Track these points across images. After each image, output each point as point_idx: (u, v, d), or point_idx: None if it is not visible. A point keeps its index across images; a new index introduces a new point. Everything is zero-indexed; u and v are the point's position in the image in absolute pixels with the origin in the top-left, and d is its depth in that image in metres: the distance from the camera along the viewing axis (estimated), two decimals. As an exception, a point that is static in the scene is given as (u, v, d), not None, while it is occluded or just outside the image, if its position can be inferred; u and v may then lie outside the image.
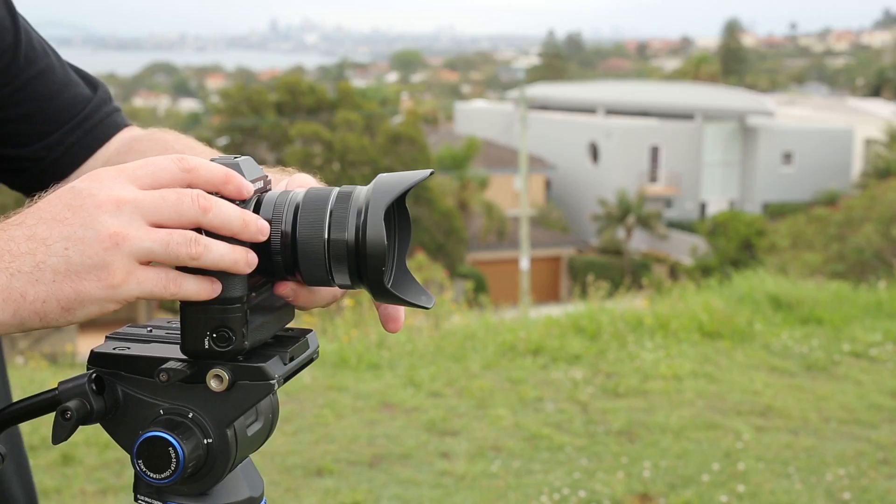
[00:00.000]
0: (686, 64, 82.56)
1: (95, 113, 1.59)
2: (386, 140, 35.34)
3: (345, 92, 39.60)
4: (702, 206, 48.45)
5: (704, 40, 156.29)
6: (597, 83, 70.50)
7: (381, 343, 8.20)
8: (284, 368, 1.16)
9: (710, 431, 6.35)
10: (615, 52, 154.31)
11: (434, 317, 9.34)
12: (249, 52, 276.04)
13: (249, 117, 36.75)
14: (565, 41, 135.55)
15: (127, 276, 1.01)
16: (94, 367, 1.15)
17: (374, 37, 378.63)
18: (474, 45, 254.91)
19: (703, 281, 12.06)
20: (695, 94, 53.52)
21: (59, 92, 1.56)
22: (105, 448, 5.75)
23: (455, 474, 5.62)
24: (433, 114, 59.01)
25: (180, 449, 1.10)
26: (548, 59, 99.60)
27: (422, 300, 1.15)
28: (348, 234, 1.09)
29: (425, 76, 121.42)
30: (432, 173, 1.14)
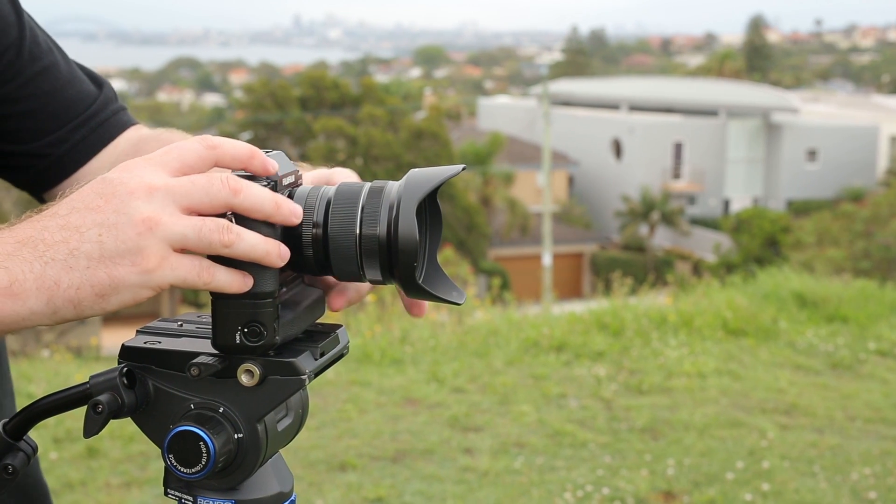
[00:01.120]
0: (710, 60, 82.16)
1: (101, 111, 1.59)
2: (409, 135, 35.36)
3: (368, 87, 39.62)
4: (725, 202, 48.25)
5: (729, 36, 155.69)
6: (620, 79, 70.29)
7: (405, 338, 8.20)
8: (315, 364, 1.15)
9: (734, 429, 6.33)
10: (639, 48, 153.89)
11: (457, 312, 9.34)
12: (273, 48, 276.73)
13: (273, 112, 36.83)
14: (589, 37, 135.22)
15: (161, 262, 1.01)
16: (125, 360, 1.15)
17: (397, 32, 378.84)
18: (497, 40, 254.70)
19: (726, 278, 12.01)
20: (719, 91, 53.28)
21: (63, 88, 1.56)
22: (129, 441, 5.78)
23: (478, 470, 5.61)
24: (456, 109, 58.87)
25: (211, 443, 1.10)
26: (571, 55, 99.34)
27: (453, 296, 1.14)
28: (380, 230, 1.09)
29: (448, 72, 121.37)
30: (464, 168, 1.13)
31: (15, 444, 1.16)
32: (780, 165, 48.12)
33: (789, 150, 48.06)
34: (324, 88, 37.77)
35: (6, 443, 1.16)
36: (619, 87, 59.45)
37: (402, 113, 38.71)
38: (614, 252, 40.55)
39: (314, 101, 37.40)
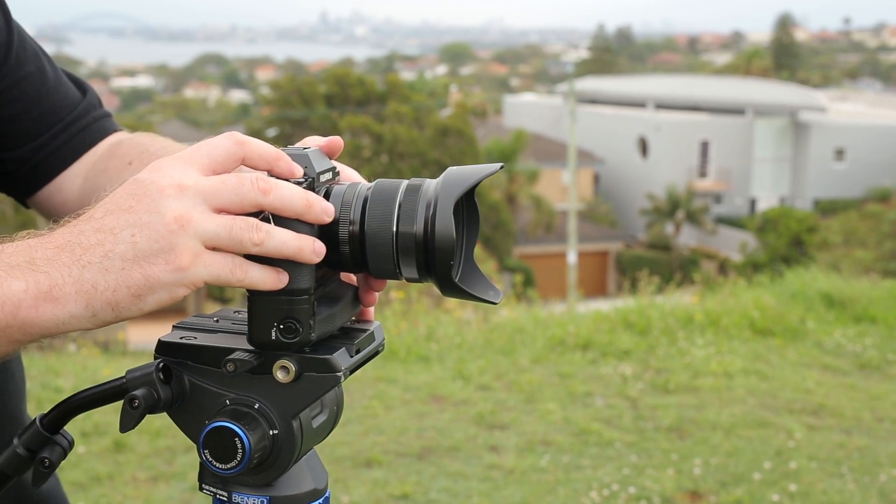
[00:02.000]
0: (737, 58, 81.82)
1: (83, 117, 1.59)
2: (434, 133, 35.36)
3: (394, 84, 39.65)
4: (752, 202, 48.03)
5: (756, 35, 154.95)
6: (647, 77, 70.09)
7: (430, 335, 8.20)
8: (351, 360, 1.15)
9: (761, 429, 6.29)
10: (665, 45, 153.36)
11: (483, 310, 9.33)
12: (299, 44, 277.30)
13: (299, 109, 36.91)
14: (615, 35, 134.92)
15: (194, 259, 1.01)
16: (162, 356, 1.16)
17: (423, 29, 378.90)
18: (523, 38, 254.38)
19: (753, 277, 11.95)
20: (746, 89, 53.04)
21: (48, 94, 1.56)
22: (156, 436, 5.80)
23: (504, 468, 5.61)
24: (482, 107, 58.90)
25: (246, 439, 1.10)
26: (597, 53, 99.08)
27: (489, 295, 1.14)
28: (417, 228, 1.08)
29: (474, 69, 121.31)
30: (502, 167, 1.13)
31: (52, 437, 1.17)
32: (807, 165, 47.86)
33: (817, 149, 47.79)
34: (349, 85, 37.82)
35: (43, 436, 1.16)
36: (645, 85, 59.27)
37: (427, 110, 38.72)
38: (639, 250, 40.46)
39: (340, 98, 37.47)
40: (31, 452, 1.16)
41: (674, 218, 40.49)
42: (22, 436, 1.17)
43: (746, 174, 47.92)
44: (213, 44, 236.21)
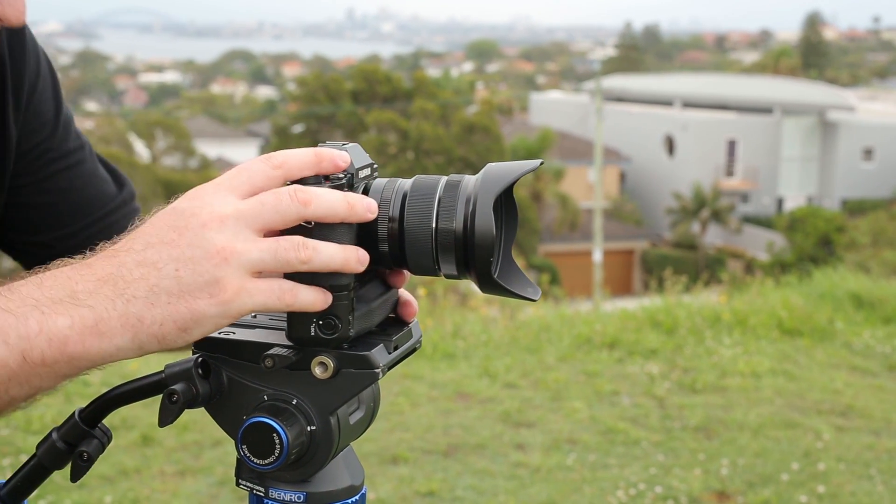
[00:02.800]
0: (765, 57, 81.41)
1: (114, 213, 1.60)
2: (460, 130, 35.35)
3: (420, 81, 39.66)
4: (779, 201, 47.78)
5: (784, 33, 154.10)
6: (674, 75, 69.83)
7: (457, 333, 8.20)
8: (389, 357, 1.15)
9: (789, 430, 6.26)
10: (693, 44, 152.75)
11: (509, 308, 9.32)
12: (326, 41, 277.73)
13: (326, 105, 36.98)
14: (642, 33, 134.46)
15: (240, 290, 1.02)
16: (200, 351, 1.16)
17: (449, 26, 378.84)
18: (550, 35, 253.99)
19: (781, 277, 11.89)
20: (774, 88, 52.77)
21: (83, 187, 1.57)
22: (183, 430, 5.82)
23: (530, 466, 5.60)
24: (508, 104, 58.88)
25: (284, 435, 1.10)
26: (624, 51, 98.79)
27: (528, 292, 1.13)
28: (456, 224, 1.08)
29: (501, 66, 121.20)
30: (541, 163, 1.12)
31: (90, 431, 1.17)
32: (835, 164, 47.57)
33: (845, 148, 47.49)
34: (376, 82, 37.86)
35: (81, 430, 1.16)
36: (672, 83, 59.06)
37: (453, 107, 38.71)
38: (665, 249, 40.32)
39: (366, 95, 37.51)
40: (69, 446, 1.17)
41: (700, 217, 40.33)
42: (60, 429, 1.17)
43: (774, 173, 47.68)
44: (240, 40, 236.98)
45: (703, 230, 40.23)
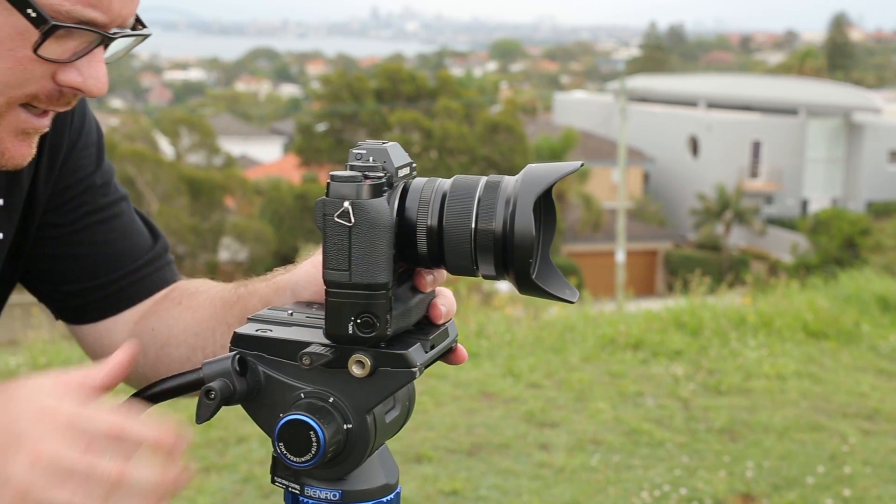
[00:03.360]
0: (790, 58, 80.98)
1: (146, 266, 1.60)
2: (484, 129, 35.33)
3: (444, 80, 39.68)
4: (803, 203, 47.53)
5: (810, 34, 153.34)
6: (698, 76, 69.57)
7: (481, 332, 8.19)
8: (426, 356, 1.15)
9: (814, 433, 6.23)
10: (718, 44, 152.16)
11: (533, 307, 9.31)
12: (350, 39, 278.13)
13: (349, 103, 37.03)
14: (667, 33, 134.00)
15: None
16: (237, 348, 1.16)
17: (473, 25, 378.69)
18: (574, 35, 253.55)
19: (806, 279, 11.83)
20: (799, 89, 52.49)
21: (116, 240, 1.58)
22: (208, 427, 5.83)
23: (554, 466, 5.59)
24: (532, 104, 58.82)
25: (321, 433, 1.10)
26: (649, 51, 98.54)
27: (566, 294, 1.13)
28: (496, 224, 1.07)
29: (524, 66, 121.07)
30: (582, 165, 1.12)
31: None
32: (860, 166, 47.29)
33: (870, 150, 47.19)
34: (400, 81, 37.89)
35: None
36: (696, 83, 58.84)
37: (477, 106, 38.70)
38: (688, 250, 40.19)
39: (390, 94, 37.55)
40: None
41: (723, 218, 40.17)
42: (97, 425, 1.17)
43: (798, 175, 47.43)
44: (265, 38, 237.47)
45: (727, 231, 40.08)
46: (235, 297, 1.44)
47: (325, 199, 1.07)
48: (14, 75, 1.21)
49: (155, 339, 1.53)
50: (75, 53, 1.23)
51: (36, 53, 1.19)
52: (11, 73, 1.21)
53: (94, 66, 1.24)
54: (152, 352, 1.53)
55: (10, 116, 1.26)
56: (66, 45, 1.22)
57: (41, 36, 1.18)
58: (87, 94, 1.25)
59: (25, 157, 1.31)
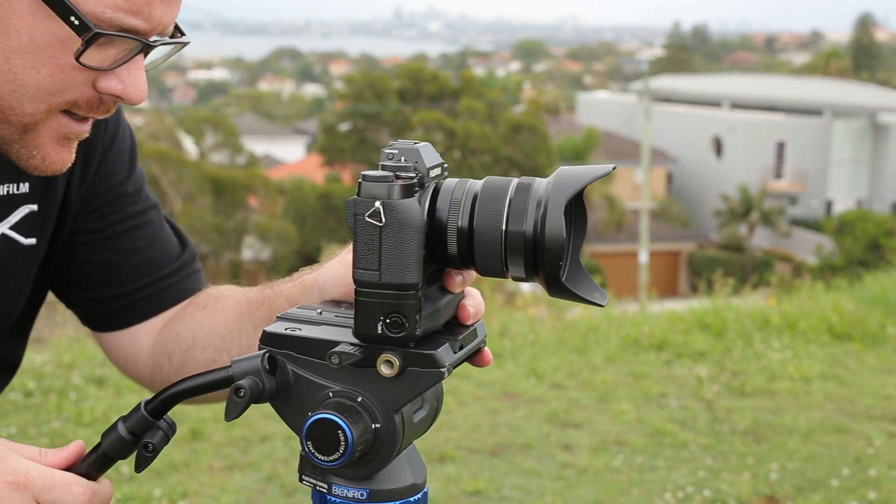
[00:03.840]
0: (815, 58, 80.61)
1: (173, 274, 1.61)
2: (507, 129, 35.33)
3: (467, 80, 39.68)
4: (828, 204, 47.29)
5: (835, 34, 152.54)
6: (722, 76, 69.32)
7: (504, 332, 8.19)
8: (455, 356, 1.15)
9: (839, 435, 6.19)
10: (742, 45, 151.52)
11: (556, 308, 9.30)
12: (373, 39, 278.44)
13: (372, 103, 37.07)
14: (691, 33, 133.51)
15: None
16: (267, 346, 1.16)
17: (497, 25, 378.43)
18: (598, 35, 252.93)
19: (831, 281, 11.76)
20: (824, 90, 52.22)
21: (145, 248, 1.59)
22: (232, 426, 5.85)
23: (577, 467, 5.58)
24: (555, 104, 58.74)
25: (349, 432, 1.10)
26: (672, 51, 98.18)
27: (595, 297, 1.13)
28: (527, 227, 1.08)
29: (548, 66, 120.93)
30: (614, 168, 1.12)
31: (155, 422, 1.18)
32: (886, 167, 46.99)
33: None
34: (423, 81, 37.92)
35: (147, 421, 1.18)
36: (721, 84, 58.64)
37: (500, 106, 38.70)
38: (712, 251, 40.05)
39: (413, 94, 37.58)
40: (135, 437, 1.18)
41: (747, 219, 40.01)
42: (127, 420, 1.18)
43: (823, 176, 47.19)
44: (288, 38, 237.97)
45: (751, 232, 39.92)
46: (261, 298, 1.45)
47: (357, 199, 1.07)
48: (55, 82, 1.22)
49: (179, 344, 1.54)
50: (116, 61, 1.24)
51: (78, 61, 1.20)
52: (52, 80, 1.22)
53: (134, 74, 1.26)
54: (177, 356, 1.54)
55: (51, 122, 1.27)
56: (107, 53, 1.23)
57: (84, 44, 1.19)
58: (127, 101, 1.26)
59: (66, 162, 1.32)
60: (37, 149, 1.28)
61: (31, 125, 1.26)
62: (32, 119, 1.25)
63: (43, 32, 1.19)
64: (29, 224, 1.46)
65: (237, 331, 1.47)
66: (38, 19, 1.18)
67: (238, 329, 1.47)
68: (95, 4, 1.18)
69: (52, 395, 6.38)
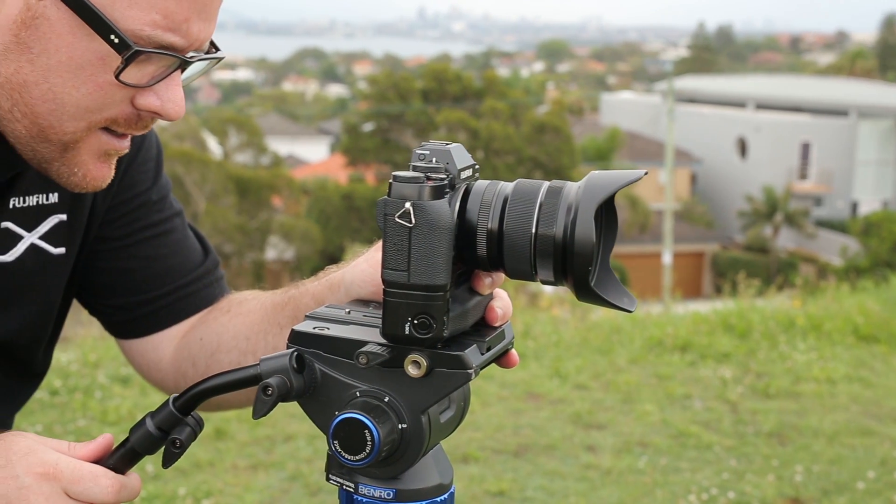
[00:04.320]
0: (841, 59, 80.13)
1: (196, 282, 1.62)
2: (531, 130, 35.27)
3: (491, 81, 39.64)
4: (853, 205, 47.00)
5: (861, 35, 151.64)
6: (747, 77, 69.04)
7: (527, 333, 8.18)
8: (482, 358, 1.15)
9: (865, 438, 6.16)
10: (767, 45, 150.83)
11: (580, 309, 9.28)
12: (397, 40, 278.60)
13: (396, 104, 37.08)
14: (715, 33, 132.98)
15: None
16: (295, 345, 1.17)
17: (520, 26, 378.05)
18: (622, 35, 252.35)
19: (857, 282, 11.69)
20: (849, 90, 51.92)
21: (167, 256, 1.59)
22: (256, 425, 5.87)
23: (601, 468, 5.57)
24: (579, 104, 58.62)
25: (376, 432, 1.10)
26: (697, 52, 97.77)
27: (624, 302, 1.13)
28: (556, 230, 1.07)
29: (571, 66, 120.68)
30: (646, 174, 1.12)
31: (183, 419, 1.18)
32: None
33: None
34: (446, 81, 37.89)
35: (175, 417, 1.18)
36: (745, 84, 58.39)
37: (524, 107, 38.63)
38: (736, 252, 39.88)
39: (436, 94, 37.55)
40: (162, 432, 1.19)
41: (772, 220, 39.83)
42: (155, 416, 1.19)
43: (848, 177, 46.91)
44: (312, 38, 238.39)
45: (775, 233, 39.74)
46: (286, 298, 1.45)
47: (387, 199, 1.07)
48: (94, 100, 1.23)
49: (204, 349, 1.55)
50: (154, 77, 1.24)
51: (118, 79, 1.21)
52: (92, 98, 1.23)
53: (172, 90, 1.26)
54: (202, 361, 1.55)
55: (90, 140, 1.28)
56: (146, 70, 1.23)
57: (123, 61, 1.19)
58: (165, 117, 1.26)
59: (106, 178, 1.33)
60: (77, 166, 1.29)
61: (72, 143, 1.27)
62: (73, 137, 1.26)
63: (83, 51, 1.20)
64: (58, 234, 1.48)
65: (262, 332, 1.48)
66: (77, 38, 1.19)
67: (263, 331, 1.48)
68: (134, 22, 1.18)
69: (77, 393, 6.42)
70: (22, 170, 1.38)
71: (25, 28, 1.19)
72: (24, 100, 1.22)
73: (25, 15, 1.18)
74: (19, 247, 1.44)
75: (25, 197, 1.43)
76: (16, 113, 1.24)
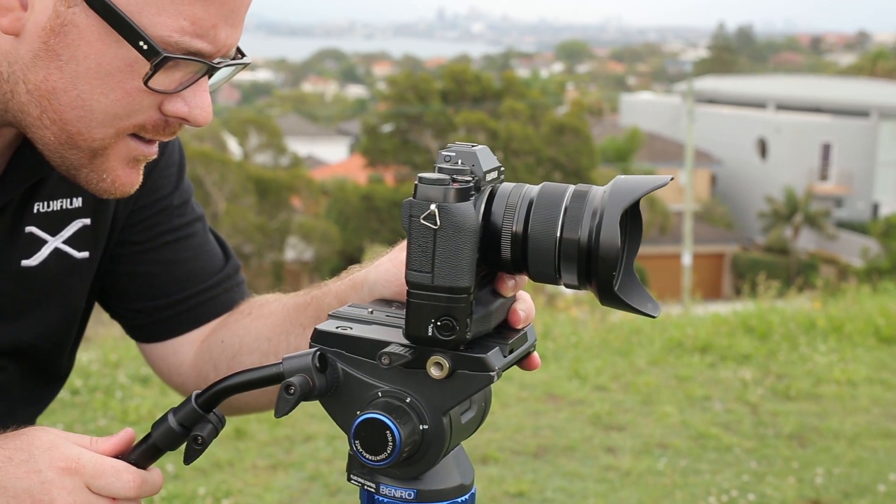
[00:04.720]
0: (862, 59, 79.78)
1: (216, 286, 1.62)
2: (550, 130, 35.24)
3: (510, 81, 39.63)
4: (874, 206, 46.78)
5: (882, 35, 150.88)
6: (767, 77, 68.81)
7: (546, 334, 8.17)
8: (504, 360, 1.15)
9: (886, 440, 6.13)
10: (787, 45, 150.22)
11: (599, 310, 9.27)
12: (416, 40, 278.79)
13: (415, 104, 37.10)
14: (736, 34, 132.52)
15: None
16: (318, 344, 1.17)
17: (540, 26, 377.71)
18: (641, 36, 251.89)
19: (878, 284, 11.63)
20: (870, 91, 51.66)
21: (188, 260, 1.60)
22: (275, 425, 5.89)
23: (620, 470, 5.56)
24: (598, 105, 58.56)
25: (397, 432, 1.11)
26: (717, 52, 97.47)
27: (648, 308, 1.13)
28: (581, 235, 1.07)
29: (591, 67, 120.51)
30: (671, 179, 1.11)
31: (205, 415, 1.19)
32: (934, 169, 46.42)
33: (944, 153, 46.31)
34: (465, 82, 37.89)
35: (197, 414, 1.19)
36: (765, 85, 58.19)
37: (543, 108, 38.59)
38: (756, 254, 39.75)
39: (456, 95, 37.55)
40: (184, 429, 1.19)
41: (792, 221, 39.67)
42: (177, 412, 1.20)
43: (869, 178, 46.69)
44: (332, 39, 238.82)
45: (796, 235, 39.58)
46: (308, 299, 1.45)
47: (412, 201, 1.07)
48: (123, 106, 1.24)
49: (225, 351, 1.55)
50: (181, 84, 1.25)
51: (146, 85, 1.21)
52: (120, 104, 1.23)
53: (200, 96, 1.27)
54: (224, 363, 1.55)
55: (119, 146, 1.28)
56: (173, 76, 1.24)
57: (152, 68, 1.20)
58: (192, 123, 1.27)
59: (135, 184, 1.34)
60: (106, 172, 1.30)
61: (100, 149, 1.27)
62: (101, 143, 1.26)
63: (111, 57, 1.20)
64: (82, 238, 1.48)
65: (284, 333, 1.48)
66: (106, 44, 1.19)
67: (285, 331, 1.48)
68: (163, 28, 1.19)
69: (98, 393, 6.44)
70: (46, 175, 1.39)
71: (54, 35, 1.19)
72: (53, 107, 1.23)
73: (54, 22, 1.19)
74: (43, 251, 1.45)
75: (49, 202, 1.44)
76: (45, 120, 1.24)
